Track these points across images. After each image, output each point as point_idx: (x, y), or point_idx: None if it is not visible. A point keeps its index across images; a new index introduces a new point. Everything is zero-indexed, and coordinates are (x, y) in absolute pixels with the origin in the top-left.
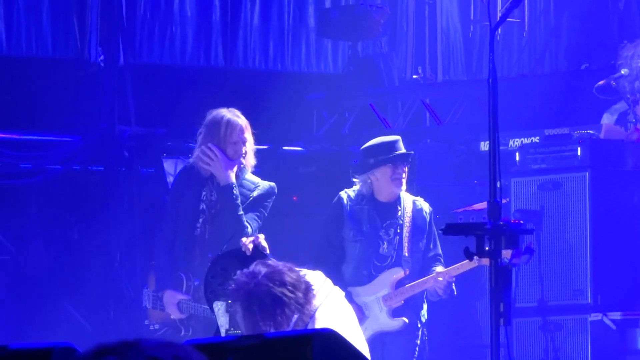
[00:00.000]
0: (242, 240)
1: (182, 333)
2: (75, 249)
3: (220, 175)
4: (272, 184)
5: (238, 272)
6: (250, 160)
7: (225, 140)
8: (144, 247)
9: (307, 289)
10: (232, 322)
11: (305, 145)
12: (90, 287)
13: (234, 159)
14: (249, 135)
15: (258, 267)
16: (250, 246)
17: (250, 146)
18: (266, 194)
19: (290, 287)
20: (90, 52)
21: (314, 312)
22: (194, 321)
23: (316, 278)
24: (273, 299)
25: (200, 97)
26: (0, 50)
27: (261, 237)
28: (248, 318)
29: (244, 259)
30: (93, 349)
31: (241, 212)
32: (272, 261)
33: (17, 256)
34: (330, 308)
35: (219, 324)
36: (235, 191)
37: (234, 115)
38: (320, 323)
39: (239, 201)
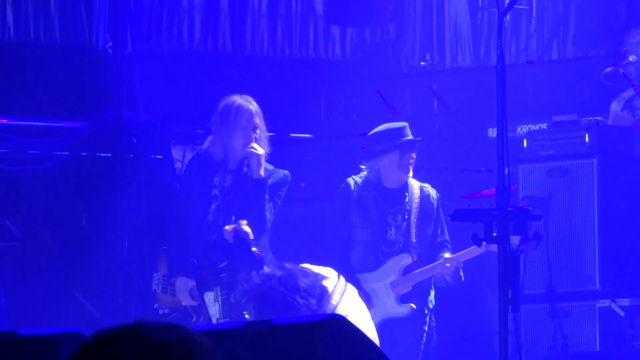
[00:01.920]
0: (224, 229)
1: (194, 319)
2: (83, 235)
3: (256, 167)
4: (286, 172)
5: (253, 273)
6: (264, 147)
7: (234, 126)
8: (151, 233)
9: (321, 295)
10: (224, 311)
11: (313, 132)
12: (98, 273)
13: (244, 145)
14: (259, 121)
15: (273, 270)
16: (232, 234)
17: (263, 133)
18: (280, 182)
19: (303, 293)
20: (98, 39)
21: (333, 310)
22: (205, 308)
23: (330, 277)
24: (284, 304)
25: (208, 84)
26: (9, 36)
27: (243, 223)
28: (258, 319)
29: (227, 247)
30: (94, 337)
31: (267, 207)
32: (289, 264)
33: (24, 243)
34: (346, 307)
35: (210, 314)
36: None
37: (245, 101)
38: None
39: (267, 196)
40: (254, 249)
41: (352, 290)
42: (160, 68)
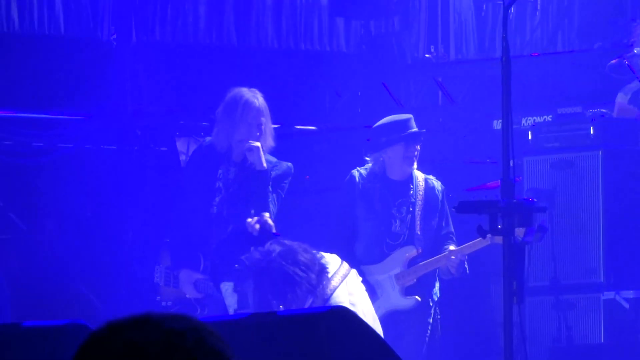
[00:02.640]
0: (247, 221)
1: (198, 312)
2: (87, 228)
3: (257, 160)
4: (289, 164)
5: (252, 249)
6: (269, 142)
7: (240, 121)
8: (156, 226)
9: (321, 271)
10: (241, 303)
11: (318, 124)
12: (102, 266)
13: (246, 138)
14: (265, 119)
15: (273, 246)
16: (257, 226)
17: (268, 127)
18: (283, 175)
19: (302, 267)
20: (103, 31)
21: (330, 295)
22: (209, 300)
23: (333, 260)
24: (284, 277)
25: (213, 76)
26: (13, 28)
27: (266, 216)
28: (258, 295)
29: (252, 239)
30: (105, 327)
31: (271, 199)
32: (287, 241)
33: (28, 235)
34: (347, 290)
35: (226, 304)
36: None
37: (253, 97)
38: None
39: (270, 188)
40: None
41: (355, 277)
42: (165, 60)
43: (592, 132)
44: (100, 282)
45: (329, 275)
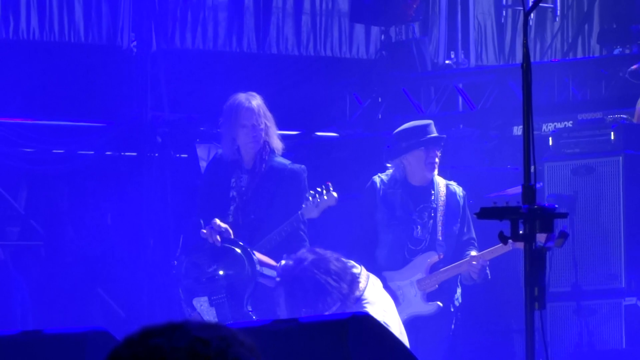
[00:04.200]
0: (202, 232)
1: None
2: (108, 234)
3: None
4: (302, 166)
5: (284, 256)
6: (275, 144)
7: (236, 125)
8: (177, 232)
9: (353, 280)
10: (219, 315)
11: (339, 131)
12: (123, 273)
13: (246, 143)
14: (262, 119)
15: (305, 254)
16: (218, 237)
17: (272, 130)
18: (295, 176)
19: (334, 277)
20: (123, 38)
21: (363, 304)
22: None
23: (355, 266)
24: (316, 285)
25: (233, 83)
26: (33, 36)
27: (217, 222)
28: (289, 302)
29: (214, 250)
30: (139, 331)
31: (286, 202)
32: (320, 249)
33: (49, 242)
34: (373, 298)
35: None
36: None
37: (246, 99)
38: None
39: (285, 191)
40: (241, 244)
41: (375, 280)
42: (185, 67)
43: (612, 137)
44: (121, 289)
45: (361, 286)
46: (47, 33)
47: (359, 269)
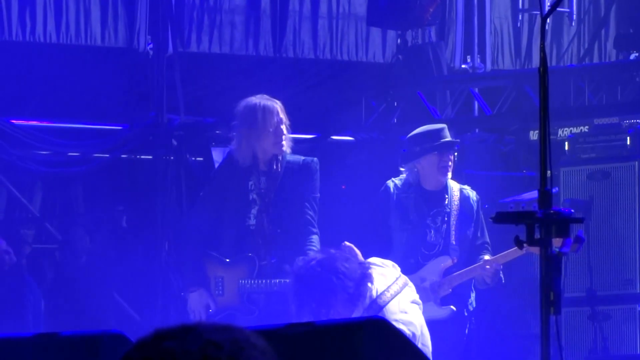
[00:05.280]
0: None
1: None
2: (123, 237)
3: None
4: (315, 159)
5: (299, 257)
6: (288, 142)
7: (264, 127)
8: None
9: (361, 280)
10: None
11: (354, 134)
12: (138, 276)
13: (268, 145)
14: (284, 116)
15: (316, 254)
16: None
17: (287, 130)
18: (311, 173)
19: (340, 275)
20: (139, 41)
21: (383, 307)
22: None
23: (390, 273)
24: (320, 284)
25: (249, 86)
26: (50, 39)
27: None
28: (297, 301)
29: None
30: (152, 334)
31: (308, 202)
32: (333, 250)
33: (64, 245)
34: (396, 308)
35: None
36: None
37: (268, 100)
38: (389, 317)
39: (304, 191)
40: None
41: (411, 293)
42: (201, 70)
43: (628, 143)
44: (135, 292)
45: (379, 289)
46: (63, 36)
47: (391, 277)
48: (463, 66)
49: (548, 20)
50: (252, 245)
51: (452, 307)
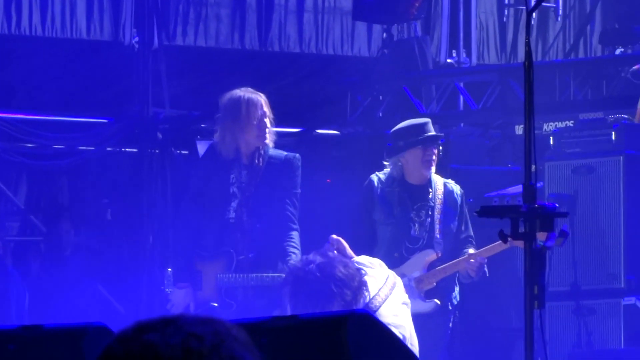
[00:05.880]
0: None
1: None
2: (108, 230)
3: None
4: (297, 155)
5: (299, 255)
6: (272, 136)
7: (248, 119)
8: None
9: (359, 288)
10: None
11: (339, 129)
12: (122, 269)
13: (252, 138)
14: (268, 109)
15: (315, 257)
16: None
17: (269, 121)
18: (292, 169)
19: (337, 282)
20: (125, 35)
21: (375, 311)
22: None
23: (379, 275)
24: (317, 290)
25: (235, 80)
26: (35, 32)
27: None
28: (293, 302)
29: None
30: (133, 326)
31: (289, 197)
32: (331, 253)
33: (49, 237)
34: (392, 312)
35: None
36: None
37: (252, 93)
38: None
39: (286, 186)
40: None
41: (400, 293)
42: (187, 64)
43: (613, 137)
44: (120, 285)
45: (371, 294)
46: (49, 29)
47: (380, 279)
48: (448, 61)
49: (533, 15)
50: (232, 239)
51: (436, 300)
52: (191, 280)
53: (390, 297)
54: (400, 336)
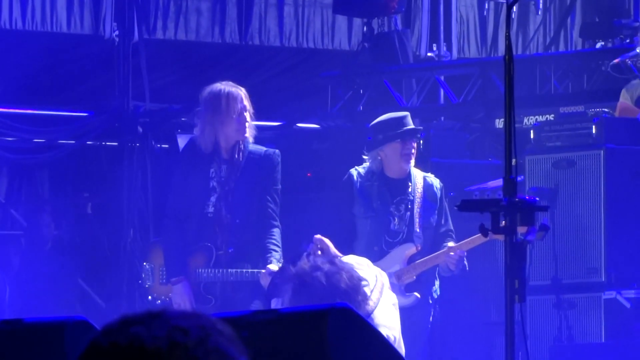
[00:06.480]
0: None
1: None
2: (88, 224)
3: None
4: (277, 150)
5: (304, 256)
6: (252, 130)
7: (227, 113)
8: (157, 223)
9: (362, 302)
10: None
11: (320, 122)
12: (102, 262)
13: (231, 131)
14: (248, 103)
15: (323, 262)
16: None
17: (249, 115)
18: (272, 164)
19: (342, 295)
20: (105, 28)
21: (368, 316)
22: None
23: (368, 275)
24: (322, 298)
25: (215, 74)
26: (15, 25)
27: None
28: (292, 303)
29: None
30: (118, 320)
31: (269, 193)
32: (339, 261)
33: (29, 231)
34: (383, 312)
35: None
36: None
37: (232, 86)
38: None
39: (266, 181)
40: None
41: (388, 295)
42: (167, 57)
43: (594, 131)
44: (101, 280)
45: (371, 305)
46: (29, 22)
47: (371, 281)
48: (429, 54)
49: (514, 8)
50: (210, 234)
51: (416, 294)
52: (185, 272)
53: (382, 299)
54: (392, 338)
